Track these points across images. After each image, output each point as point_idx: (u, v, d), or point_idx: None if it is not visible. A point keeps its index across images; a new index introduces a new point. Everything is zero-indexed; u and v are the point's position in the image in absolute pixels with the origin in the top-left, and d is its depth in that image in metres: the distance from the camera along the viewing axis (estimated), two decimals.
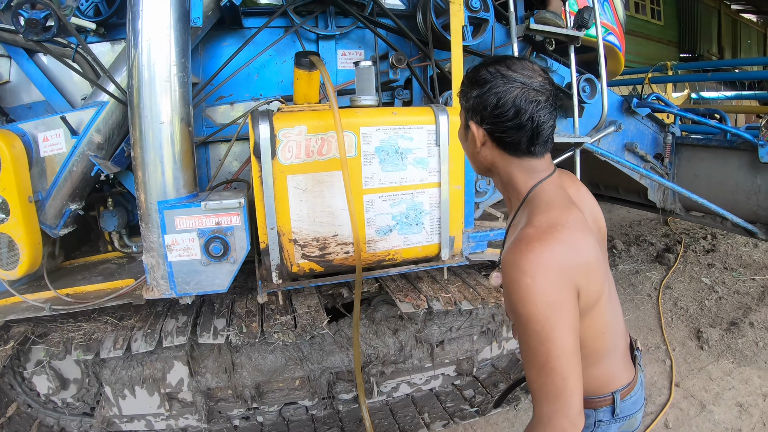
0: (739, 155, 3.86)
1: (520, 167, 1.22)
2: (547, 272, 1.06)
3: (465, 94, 1.22)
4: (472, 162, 1.33)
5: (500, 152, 1.21)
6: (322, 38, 2.74)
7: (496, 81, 1.14)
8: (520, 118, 1.13)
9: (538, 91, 1.13)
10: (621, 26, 3.72)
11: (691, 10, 14.71)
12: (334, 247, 2.22)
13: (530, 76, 1.14)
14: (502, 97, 1.13)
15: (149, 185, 2.08)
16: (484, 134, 1.20)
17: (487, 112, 1.16)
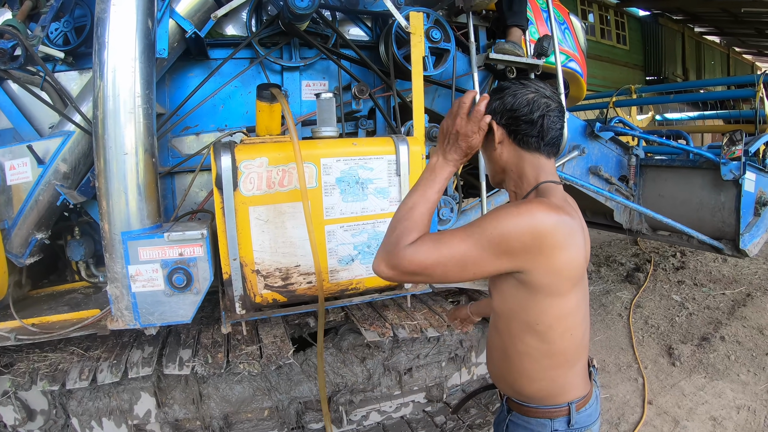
0: (702, 174, 3.96)
1: (531, 163, 1.34)
2: (529, 220, 1.17)
3: (489, 105, 1.34)
4: (490, 165, 1.44)
5: (515, 148, 1.33)
6: (286, 69, 2.77)
7: (513, 87, 1.32)
8: (533, 114, 1.28)
9: (549, 98, 1.30)
10: (582, 53, 3.82)
11: (655, 34, 15.23)
12: (296, 278, 2.22)
13: (543, 87, 1.33)
14: (519, 97, 1.29)
15: (113, 216, 2.07)
16: (503, 132, 1.32)
17: (506, 111, 1.30)
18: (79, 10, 2.49)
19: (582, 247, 1.28)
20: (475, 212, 2.89)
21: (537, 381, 1.34)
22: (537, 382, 1.34)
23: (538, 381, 1.34)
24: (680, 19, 15.70)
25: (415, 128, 2.38)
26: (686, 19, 15.66)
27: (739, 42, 18.20)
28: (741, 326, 4.27)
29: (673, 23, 15.69)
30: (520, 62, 2.81)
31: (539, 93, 1.30)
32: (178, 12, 2.36)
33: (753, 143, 4.11)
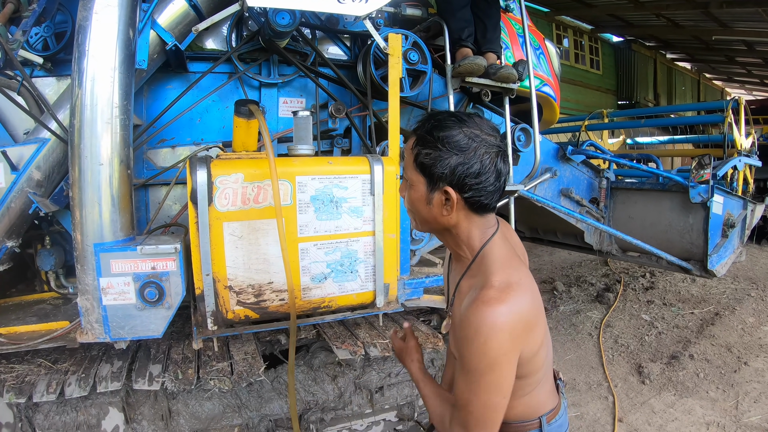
0: (671, 197, 4.07)
1: (479, 225, 1.27)
2: (500, 336, 1.14)
3: (436, 159, 1.20)
4: (428, 224, 1.33)
5: (467, 213, 1.25)
6: (264, 86, 2.79)
7: (476, 146, 1.18)
8: (500, 181, 1.22)
9: (502, 151, 1.22)
10: (556, 77, 3.92)
11: (628, 60, 15.69)
12: (269, 294, 2.22)
13: (493, 135, 1.22)
14: (485, 163, 1.18)
15: (86, 226, 2.05)
16: (459, 198, 1.21)
17: (471, 179, 1.18)
18: (60, 16, 2.48)
19: (538, 294, 1.27)
20: None
21: (510, 408, 1.31)
22: (510, 409, 1.32)
23: (511, 408, 1.32)
24: (653, 45, 16.19)
25: (391, 148, 2.40)
26: (658, 45, 16.16)
27: (710, 68, 18.82)
28: (710, 344, 4.38)
29: (645, 49, 16.18)
30: (496, 86, 2.88)
31: (495, 148, 1.20)
32: (160, 24, 2.37)
33: (721, 167, 4.25)
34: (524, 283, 1.22)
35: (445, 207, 1.24)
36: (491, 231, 1.28)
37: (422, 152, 1.22)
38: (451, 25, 2.91)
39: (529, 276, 1.27)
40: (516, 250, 1.37)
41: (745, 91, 21.17)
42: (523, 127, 3.08)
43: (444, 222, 1.27)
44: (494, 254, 1.27)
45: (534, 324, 1.22)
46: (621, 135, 9.63)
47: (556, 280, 6.37)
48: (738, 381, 3.77)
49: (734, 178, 5.83)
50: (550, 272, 6.99)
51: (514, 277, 1.22)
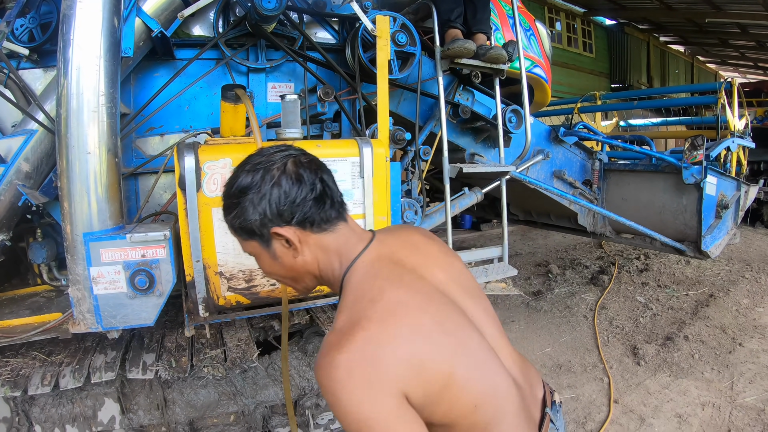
0: (664, 178, 4.07)
1: (336, 247, 1.15)
2: (352, 394, 0.91)
3: (242, 213, 1.11)
4: (299, 280, 1.22)
5: (316, 239, 1.14)
6: (252, 71, 2.76)
7: (261, 173, 1.09)
8: (314, 187, 1.10)
9: (294, 157, 1.13)
10: (547, 59, 3.90)
11: (621, 42, 15.65)
12: (260, 279, 2.21)
13: (279, 151, 1.13)
14: (280, 180, 1.08)
15: (75, 216, 2.03)
16: (295, 230, 1.11)
17: (282, 205, 1.08)
18: (45, 7, 2.44)
19: (427, 318, 1.03)
20: (439, 215, 2.91)
21: None
22: None
23: None
24: (646, 28, 16.14)
25: (380, 131, 2.39)
26: (652, 28, 16.11)
27: (703, 51, 18.78)
28: (704, 326, 4.40)
29: (638, 32, 16.12)
30: (485, 67, 2.86)
31: (282, 160, 1.10)
32: (145, 11, 2.34)
33: (714, 148, 4.25)
34: (385, 313, 0.99)
35: (291, 250, 1.14)
36: (358, 248, 1.16)
37: (231, 218, 1.14)
38: (440, 6, 2.88)
39: (407, 295, 1.05)
40: (412, 257, 1.18)
41: (739, 74, 21.15)
42: (514, 109, 3.07)
43: (305, 265, 1.17)
44: (351, 283, 1.11)
45: (428, 358, 0.97)
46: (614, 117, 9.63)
47: (551, 263, 6.39)
48: (733, 362, 3.80)
49: (728, 160, 5.85)
50: (544, 255, 7.02)
51: (368, 311, 1.00)
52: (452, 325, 1.06)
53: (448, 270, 1.22)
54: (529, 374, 1.27)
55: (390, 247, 1.19)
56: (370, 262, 1.14)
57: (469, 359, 1.04)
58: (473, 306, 1.18)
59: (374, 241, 1.19)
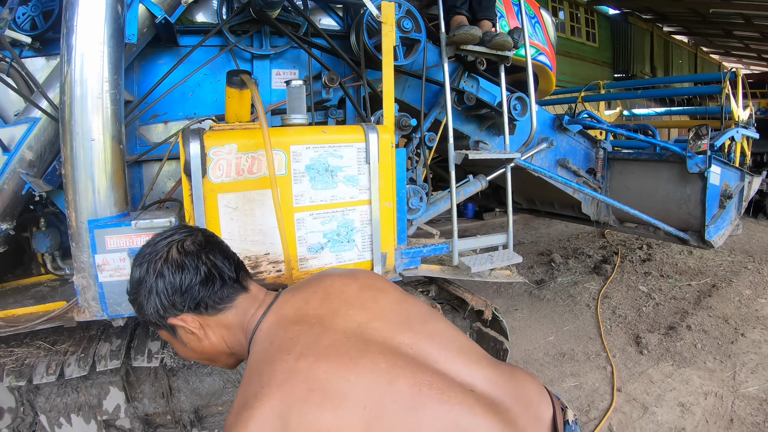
0: (668, 167, 4.05)
1: (238, 324, 1.16)
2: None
3: (141, 307, 1.14)
4: (213, 359, 1.23)
5: (216, 320, 1.16)
6: (256, 57, 2.75)
7: (146, 266, 1.12)
8: (197, 270, 1.12)
9: (176, 243, 1.15)
10: (552, 47, 3.88)
11: (624, 32, 15.56)
12: (266, 266, 2.21)
13: (164, 238, 1.16)
14: (162, 271, 1.11)
15: (79, 203, 2.03)
16: (193, 316, 1.14)
17: (171, 295, 1.11)
18: None
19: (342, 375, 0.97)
20: (444, 203, 2.91)
21: None
22: None
23: None
24: (649, 18, 16.03)
25: (385, 117, 2.38)
26: (655, 18, 16.01)
27: (707, 42, 18.67)
28: (707, 316, 4.40)
29: (642, 22, 16.02)
30: (491, 54, 2.84)
31: (164, 249, 1.13)
32: None
33: (718, 138, 4.24)
34: (277, 385, 0.94)
35: (195, 336, 1.16)
36: (257, 316, 1.15)
37: (136, 313, 1.17)
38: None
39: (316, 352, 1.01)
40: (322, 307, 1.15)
41: (743, 65, 21.02)
42: (519, 96, 3.05)
43: (213, 347, 1.18)
44: (251, 355, 1.09)
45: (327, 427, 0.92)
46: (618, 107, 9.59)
47: (554, 252, 6.39)
48: (735, 352, 3.80)
49: (731, 150, 5.83)
50: (547, 244, 7.01)
51: (259, 386, 0.96)
52: (365, 376, 0.99)
53: (369, 307, 1.16)
54: (525, 391, 1.17)
55: (294, 305, 1.17)
56: (267, 329, 1.11)
57: (386, 409, 0.96)
58: (412, 337, 1.12)
59: (275, 304, 1.17)
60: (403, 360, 1.04)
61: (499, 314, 2.74)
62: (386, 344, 1.07)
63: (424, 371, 1.04)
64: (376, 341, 1.07)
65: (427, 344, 1.11)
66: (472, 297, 2.73)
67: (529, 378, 1.23)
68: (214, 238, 1.23)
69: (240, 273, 1.22)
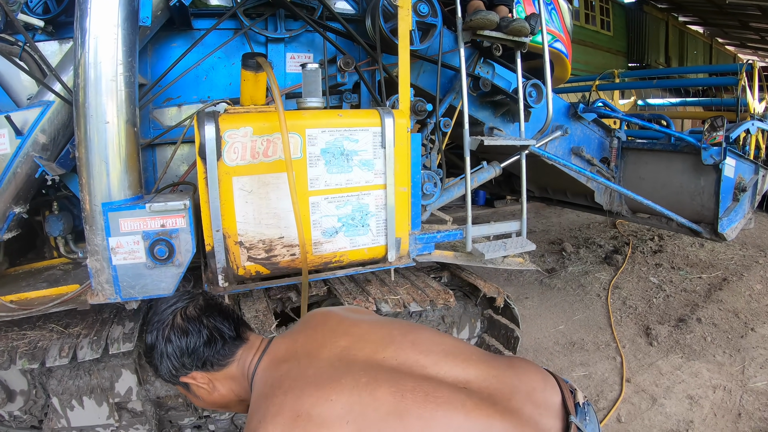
0: (683, 158, 4.00)
1: (241, 374, 1.28)
2: None
3: (157, 369, 1.29)
4: (226, 406, 1.36)
5: (223, 374, 1.29)
6: (271, 41, 2.73)
7: (156, 333, 1.27)
8: (200, 333, 1.26)
9: (182, 309, 1.29)
10: (568, 34, 3.84)
11: (639, 21, 15.31)
12: (280, 249, 2.21)
13: (169, 306, 1.30)
14: (169, 337, 1.25)
15: (93, 187, 2.04)
16: (201, 374, 1.28)
17: (180, 357, 1.25)
18: None
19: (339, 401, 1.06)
20: (457, 189, 2.90)
21: None
22: None
23: None
24: (665, 7, 15.78)
25: (401, 101, 2.37)
26: (671, 7, 15.75)
27: (723, 33, 18.37)
28: (717, 309, 4.37)
29: (657, 11, 15.77)
30: (507, 39, 2.81)
31: (171, 314, 1.28)
32: None
33: (734, 130, 4.18)
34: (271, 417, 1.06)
35: (205, 389, 1.30)
36: (253, 363, 1.28)
37: (155, 373, 1.32)
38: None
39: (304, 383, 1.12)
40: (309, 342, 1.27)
41: (758, 57, 20.67)
42: (534, 83, 3.02)
43: (223, 398, 1.32)
44: (253, 396, 1.22)
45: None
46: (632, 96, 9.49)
47: (565, 241, 6.38)
48: (744, 346, 3.77)
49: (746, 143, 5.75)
50: (558, 233, 6.99)
51: (257, 423, 1.07)
52: (346, 394, 1.07)
53: (351, 333, 1.28)
54: (526, 379, 1.22)
55: (284, 345, 1.30)
56: (263, 371, 1.24)
57: (368, 419, 1.05)
58: (395, 350, 1.21)
59: (269, 348, 1.30)
60: (385, 372, 1.14)
61: (510, 302, 2.74)
62: (369, 361, 1.17)
63: (407, 378, 1.12)
64: (358, 361, 1.17)
65: (411, 353, 1.21)
66: (484, 284, 2.72)
67: (530, 366, 1.28)
68: (214, 301, 1.37)
69: (240, 328, 1.35)
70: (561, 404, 1.19)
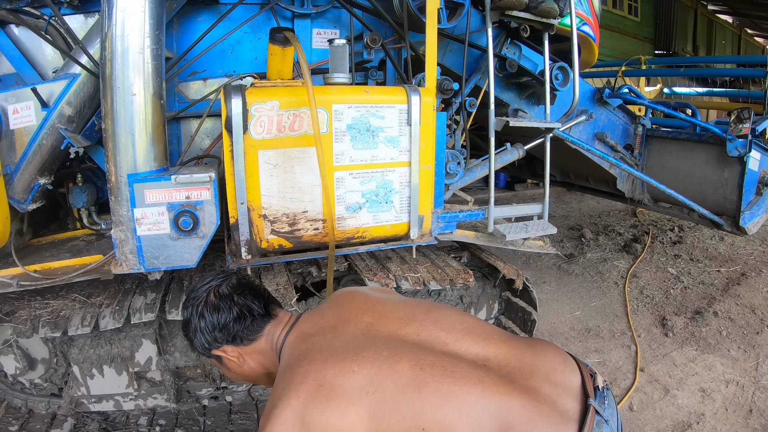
0: (707, 149, 3.94)
1: (270, 348, 1.36)
2: None
3: (193, 340, 1.38)
4: (258, 382, 1.47)
5: (252, 348, 1.37)
6: (297, 16, 2.72)
7: (191, 310, 1.37)
8: (230, 309, 1.34)
9: (214, 288, 1.37)
10: (596, 18, 3.77)
11: (668, 7, 14.96)
12: (303, 224, 2.23)
13: (204, 284, 1.39)
14: (203, 313, 1.34)
15: (119, 158, 2.07)
16: (232, 347, 1.36)
17: (213, 332, 1.34)
18: None
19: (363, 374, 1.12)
20: (481, 169, 2.88)
21: None
22: None
23: None
24: None
25: (428, 79, 2.35)
26: None
27: (752, 24, 17.92)
28: (734, 304, 4.32)
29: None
30: (535, 20, 2.77)
31: (205, 292, 1.36)
32: None
33: (761, 123, 4.08)
34: (296, 385, 1.13)
35: (235, 362, 1.38)
36: (281, 337, 1.34)
37: (191, 346, 1.41)
38: None
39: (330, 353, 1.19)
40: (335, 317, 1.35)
41: None
42: (561, 66, 2.98)
43: (253, 371, 1.40)
44: (280, 367, 1.28)
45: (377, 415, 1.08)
46: (658, 84, 9.32)
47: (584, 227, 6.33)
48: (760, 343, 3.73)
49: None
50: (578, 219, 6.94)
51: (283, 390, 1.14)
52: (367, 365, 1.13)
53: (376, 310, 1.34)
54: (546, 360, 1.22)
55: (312, 321, 1.37)
56: (290, 344, 1.31)
57: (387, 391, 1.10)
58: (417, 326, 1.27)
59: (297, 323, 1.38)
60: (406, 346, 1.18)
61: (529, 284, 2.74)
62: (391, 336, 1.23)
63: (427, 353, 1.16)
64: (381, 336, 1.23)
65: (433, 330, 1.25)
66: (504, 265, 2.73)
67: (551, 347, 1.29)
68: (246, 280, 1.44)
69: (269, 306, 1.42)
70: (580, 386, 1.19)
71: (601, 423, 1.13)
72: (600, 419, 1.13)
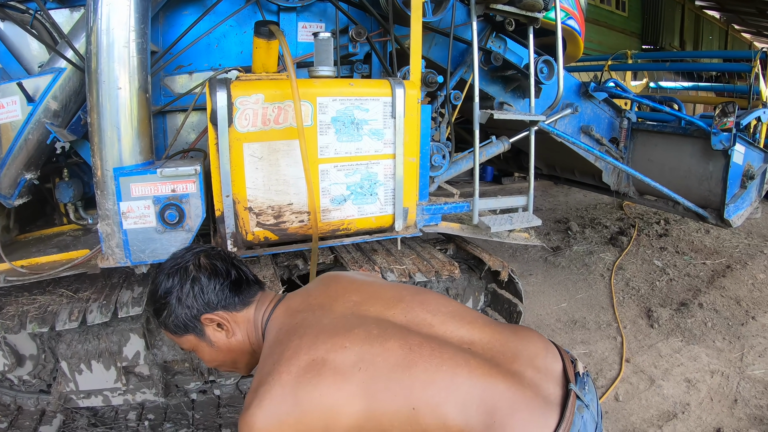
0: (692, 142, 3.97)
1: (258, 318, 1.31)
2: None
3: (172, 312, 1.27)
4: (238, 360, 1.37)
5: (243, 315, 1.31)
6: (283, 10, 2.72)
7: (178, 276, 1.26)
8: (219, 275, 1.28)
9: (202, 254, 1.31)
10: (582, 12, 3.79)
11: (655, 3, 15.03)
12: (288, 216, 2.24)
13: (188, 251, 1.33)
14: (194, 275, 1.26)
15: (105, 152, 2.06)
16: (223, 313, 1.28)
17: (203, 295, 1.26)
18: None
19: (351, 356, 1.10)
20: (465, 162, 2.90)
21: None
22: None
23: None
24: None
25: (412, 72, 2.36)
26: None
27: (739, 20, 18.05)
28: (719, 296, 4.37)
29: None
30: (520, 14, 2.79)
31: (191, 258, 1.29)
32: None
33: (745, 117, 4.12)
34: (285, 362, 1.09)
35: (224, 332, 1.30)
36: (268, 310, 1.31)
37: (164, 318, 1.29)
38: None
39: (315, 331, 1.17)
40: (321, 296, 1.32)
41: None
42: (546, 59, 3.00)
43: (240, 344, 1.32)
44: (266, 342, 1.25)
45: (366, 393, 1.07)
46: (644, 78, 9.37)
47: (571, 220, 6.38)
48: (744, 334, 3.78)
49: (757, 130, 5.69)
50: (564, 212, 6.99)
51: (270, 366, 1.11)
52: (358, 343, 1.13)
53: (363, 290, 1.33)
54: (529, 345, 1.24)
55: (299, 298, 1.35)
56: (277, 318, 1.29)
57: (378, 368, 1.09)
58: (404, 308, 1.26)
59: (284, 299, 1.35)
60: (394, 327, 1.19)
61: (514, 276, 2.76)
62: (380, 317, 1.22)
63: (414, 334, 1.17)
64: (370, 316, 1.22)
65: (419, 311, 1.26)
66: (489, 257, 2.75)
67: (533, 333, 1.31)
68: (225, 252, 1.40)
69: (257, 278, 1.40)
70: (562, 372, 1.21)
71: (582, 408, 1.15)
72: (581, 404, 1.15)
